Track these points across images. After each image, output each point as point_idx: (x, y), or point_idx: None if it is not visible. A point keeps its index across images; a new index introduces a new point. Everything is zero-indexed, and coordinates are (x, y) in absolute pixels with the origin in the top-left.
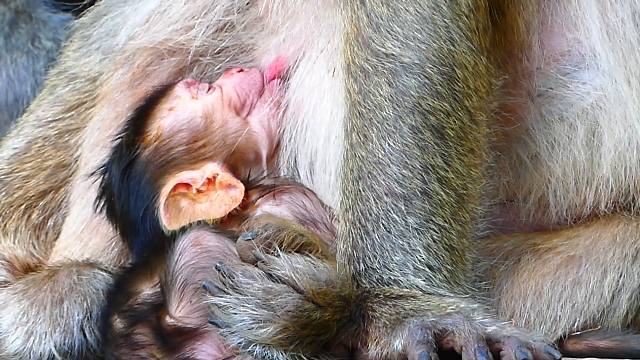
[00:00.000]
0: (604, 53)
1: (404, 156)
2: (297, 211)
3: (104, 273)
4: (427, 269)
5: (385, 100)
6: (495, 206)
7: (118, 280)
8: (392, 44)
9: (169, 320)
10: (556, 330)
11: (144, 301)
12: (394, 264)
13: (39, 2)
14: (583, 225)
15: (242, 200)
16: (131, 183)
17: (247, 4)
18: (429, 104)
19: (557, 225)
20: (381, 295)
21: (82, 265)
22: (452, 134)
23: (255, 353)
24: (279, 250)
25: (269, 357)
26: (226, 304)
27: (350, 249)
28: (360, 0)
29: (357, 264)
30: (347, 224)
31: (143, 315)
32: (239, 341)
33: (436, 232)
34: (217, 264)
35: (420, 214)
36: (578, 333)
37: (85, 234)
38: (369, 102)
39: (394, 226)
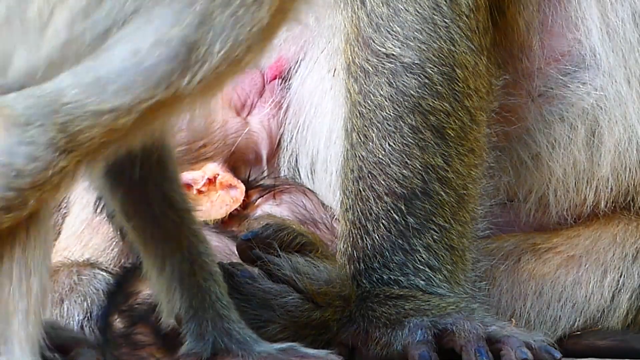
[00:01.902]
0: (604, 53)
1: (404, 156)
2: (297, 211)
3: (104, 273)
4: (427, 269)
5: (386, 100)
6: (496, 206)
7: (118, 280)
8: (392, 44)
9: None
10: (556, 330)
11: (144, 301)
12: (394, 264)
13: None
14: (583, 225)
15: (243, 200)
16: None
17: None
18: (429, 104)
19: (557, 225)
20: (381, 295)
21: (82, 265)
22: (452, 134)
23: None
24: (279, 250)
25: None
26: None
27: (350, 248)
28: (360, 0)
29: (357, 264)
30: (347, 223)
31: (143, 315)
32: None
33: (436, 232)
34: (217, 264)
35: (421, 214)
36: (578, 333)
37: (86, 234)
38: (369, 102)
39: (394, 226)
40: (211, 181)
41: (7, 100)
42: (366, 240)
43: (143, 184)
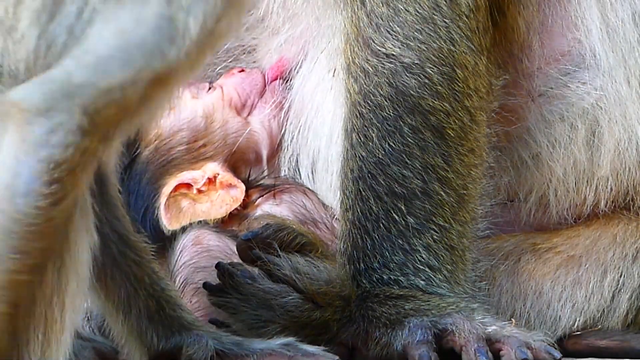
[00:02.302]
0: (604, 53)
1: (404, 156)
2: (298, 211)
3: None
4: (427, 269)
5: (386, 100)
6: (496, 206)
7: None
8: (392, 44)
9: None
10: (556, 330)
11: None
12: (394, 264)
13: None
14: (583, 224)
15: (243, 200)
16: (131, 183)
17: None
18: (429, 104)
19: (558, 225)
20: (381, 295)
21: None
22: (452, 134)
23: None
24: (279, 250)
25: None
26: (226, 303)
27: (350, 248)
28: (360, 0)
29: (357, 264)
30: (347, 223)
31: None
32: None
33: (436, 232)
34: (218, 264)
35: (421, 214)
36: (578, 333)
37: None
38: (369, 102)
39: (394, 226)
40: (211, 181)
41: (18, 94)
42: (366, 240)
43: (99, 227)
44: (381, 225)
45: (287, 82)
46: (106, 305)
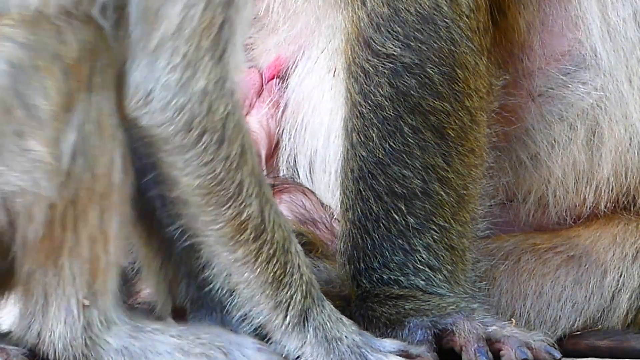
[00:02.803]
0: (604, 53)
1: (404, 156)
2: (297, 211)
3: None
4: (427, 269)
5: (386, 100)
6: (495, 206)
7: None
8: (392, 44)
9: None
10: (556, 330)
11: (144, 300)
12: (394, 264)
13: None
14: (583, 225)
15: None
16: None
17: None
18: (429, 104)
19: (557, 225)
20: (381, 295)
21: None
22: (452, 134)
23: None
24: None
25: None
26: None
27: (350, 248)
28: (361, 0)
29: (357, 264)
30: (347, 223)
31: (143, 314)
32: None
33: (436, 232)
34: None
35: (421, 214)
36: (578, 333)
37: None
38: (370, 102)
39: (394, 226)
40: None
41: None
42: (366, 240)
43: (154, 170)
44: (381, 225)
45: (284, 81)
46: (146, 248)
